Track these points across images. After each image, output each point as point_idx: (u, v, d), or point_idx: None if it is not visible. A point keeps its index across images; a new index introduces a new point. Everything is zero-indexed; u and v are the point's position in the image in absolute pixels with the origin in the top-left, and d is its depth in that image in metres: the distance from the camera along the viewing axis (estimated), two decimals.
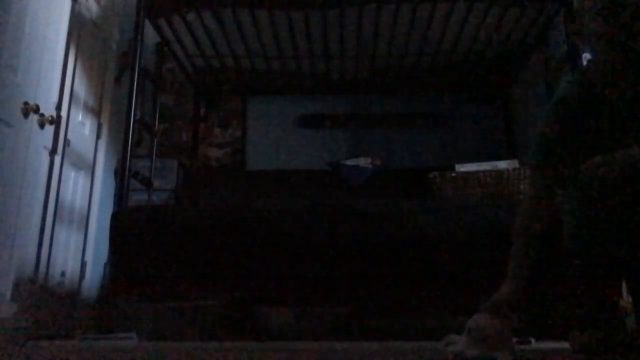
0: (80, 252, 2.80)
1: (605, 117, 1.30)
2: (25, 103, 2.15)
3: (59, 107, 2.46)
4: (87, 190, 2.92)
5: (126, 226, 2.04)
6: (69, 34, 2.57)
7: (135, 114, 2.51)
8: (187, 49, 3.30)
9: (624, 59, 1.28)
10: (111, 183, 3.16)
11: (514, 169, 2.48)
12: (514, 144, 3.58)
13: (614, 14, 1.26)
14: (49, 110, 2.34)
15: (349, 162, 3.59)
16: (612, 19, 1.26)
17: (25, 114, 2.16)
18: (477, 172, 2.50)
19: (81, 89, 2.81)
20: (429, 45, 3.26)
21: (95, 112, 3.02)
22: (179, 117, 3.88)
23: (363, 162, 3.57)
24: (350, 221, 1.99)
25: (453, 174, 2.55)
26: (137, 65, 2.54)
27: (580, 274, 1.31)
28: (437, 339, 1.45)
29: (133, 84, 2.52)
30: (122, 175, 2.39)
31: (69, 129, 2.56)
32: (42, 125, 2.28)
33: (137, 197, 2.98)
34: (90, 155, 2.98)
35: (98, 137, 3.05)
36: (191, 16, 2.92)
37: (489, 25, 3.01)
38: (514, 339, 1.66)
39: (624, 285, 1.32)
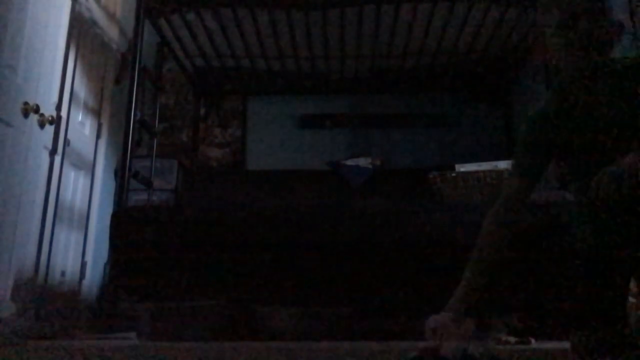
0: (80, 252, 2.81)
1: (582, 123, 1.32)
2: (25, 103, 2.15)
3: (59, 107, 2.46)
4: (87, 190, 2.92)
5: (126, 226, 2.04)
6: (69, 34, 2.57)
7: (135, 114, 2.51)
8: (187, 49, 3.30)
9: (587, 66, 1.31)
10: (111, 183, 3.16)
11: None
12: (514, 144, 3.57)
13: (572, 23, 1.29)
14: (49, 110, 2.34)
15: (349, 162, 3.59)
16: (571, 28, 1.30)
17: (25, 114, 2.16)
18: (477, 172, 2.50)
19: (81, 89, 2.81)
20: (429, 45, 3.26)
21: (95, 112, 3.02)
22: (179, 117, 3.89)
23: (363, 162, 3.58)
24: (350, 221, 1.99)
25: (453, 174, 2.55)
26: (137, 65, 2.54)
27: (588, 275, 1.31)
28: None
29: (133, 84, 2.52)
30: (122, 175, 2.39)
31: (69, 129, 2.56)
32: (42, 125, 2.28)
33: (137, 197, 2.98)
34: (90, 155, 2.98)
35: (98, 137, 3.05)
36: (191, 16, 2.92)
37: (489, 25, 3.02)
38: (511, 338, 1.67)
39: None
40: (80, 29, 2.75)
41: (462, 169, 2.58)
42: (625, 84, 1.31)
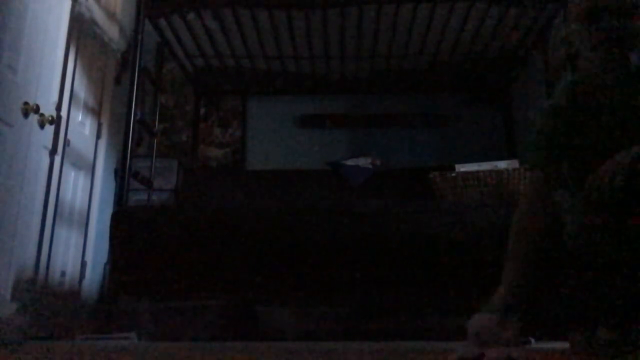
0: (80, 252, 2.80)
1: (597, 119, 1.31)
2: (25, 103, 2.15)
3: (59, 107, 2.46)
4: (87, 190, 2.91)
5: (126, 226, 2.03)
6: (69, 34, 2.57)
7: (135, 114, 2.51)
8: (187, 49, 3.30)
9: (609, 62, 1.29)
10: (111, 183, 3.16)
11: (514, 169, 2.48)
12: (514, 144, 3.58)
13: (596, 18, 1.27)
14: (49, 110, 2.33)
15: (349, 162, 3.59)
16: (595, 23, 1.28)
17: (25, 114, 2.16)
18: (477, 172, 2.50)
19: (81, 89, 2.81)
20: (429, 45, 3.26)
21: (95, 112, 3.02)
22: (179, 117, 3.89)
23: (363, 162, 3.57)
24: (350, 221, 1.99)
25: (453, 174, 2.55)
26: (137, 65, 2.54)
27: (582, 273, 1.31)
28: (437, 339, 1.45)
29: (133, 84, 2.52)
30: (122, 175, 2.39)
31: (69, 129, 2.56)
32: (42, 125, 2.28)
33: (137, 197, 2.98)
34: (90, 155, 2.98)
35: (98, 137, 3.05)
36: (191, 16, 2.92)
37: (489, 25, 3.02)
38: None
39: None
40: (80, 29, 2.75)
41: (462, 169, 2.58)
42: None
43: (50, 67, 2.40)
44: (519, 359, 1.18)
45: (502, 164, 2.58)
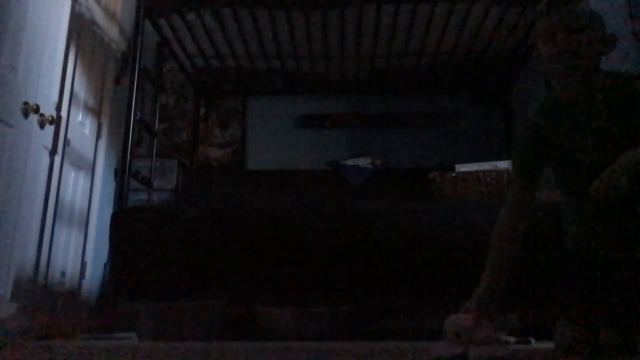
0: (80, 252, 2.80)
1: (571, 130, 1.34)
2: (25, 103, 2.15)
3: (59, 107, 2.46)
4: (87, 190, 2.91)
5: (126, 226, 2.03)
6: (69, 34, 2.57)
7: (135, 114, 2.51)
8: (187, 49, 3.30)
9: (570, 78, 1.34)
10: (111, 183, 3.16)
11: None
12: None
13: (553, 36, 1.32)
14: (49, 110, 2.34)
15: (349, 162, 3.59)
16: (551, 40, 1.33)
17: (25, 114, 2.16)
18: (477, 172, 2.51)
19: (81, 89, 2.81)
20: (429, 46, 3.26)
21: (95, 112, 3.02)
22: (179, 117, 3.89)
23: (363, 162, 3.58)
24: (350, 221, 1.99)
25: (453, 174, 2.56)
26: (137, 65, 2.54)
27: (579, 274, 1.32)
28: (437, 339, 1.46)
29: (133, 84, 2.52)
30: (122, 175, 2.39)
31: (69, 129, 2.56)
32: (42, 125, 2.28)
33: (137, 197, 2.98)
34: (90, 155, 2.98)
35: (98, 137, 3.05)
36: (191, 16, 2.92)
37: (489, 25, 3.02)
38: (511, 338, 1.67)
39: None
40: (80, 29, 2.75)
41: (462, 169, 2.58)
42: (614, 98, 1.31)
43: (50, 67, 2.40)
44: (502, 357, 1.19)
45: (502, 164, 2.58)
